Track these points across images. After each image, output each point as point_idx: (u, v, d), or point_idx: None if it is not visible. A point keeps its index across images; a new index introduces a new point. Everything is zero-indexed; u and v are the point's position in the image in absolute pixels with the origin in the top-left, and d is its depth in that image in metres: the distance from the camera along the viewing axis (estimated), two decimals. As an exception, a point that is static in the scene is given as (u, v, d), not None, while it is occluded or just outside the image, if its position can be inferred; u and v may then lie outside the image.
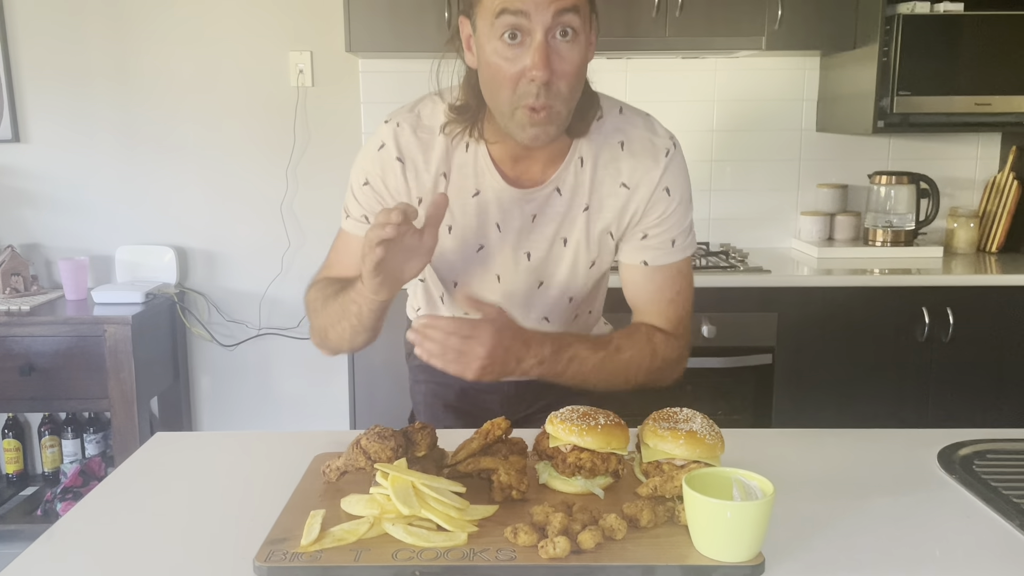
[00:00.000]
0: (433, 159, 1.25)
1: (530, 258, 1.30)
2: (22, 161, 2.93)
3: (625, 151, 1.26)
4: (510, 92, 1.12)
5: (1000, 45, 2.50)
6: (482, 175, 1.25)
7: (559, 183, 1.26)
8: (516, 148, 1.23)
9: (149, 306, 2.73)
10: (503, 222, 1.27)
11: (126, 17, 2.86)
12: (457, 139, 1.25)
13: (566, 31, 1.09)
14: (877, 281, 2.47)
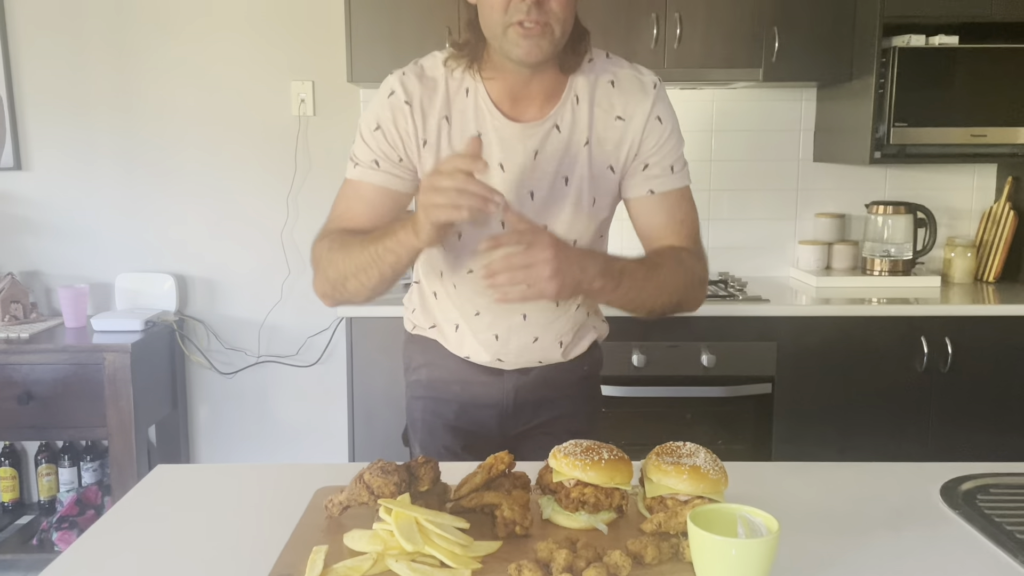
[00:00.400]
0: (436, 103, 1.32)
1: (533, 197, 1.34)
2: (24, 189, 2.94)
3: (616, 88, 1.35)
4: (501, 13, 1.21)
5: (995, 77, 2.53)
6: (482, 116, 1.32)
7: (557, 119, 1.33)
8: (514, 85, 1.31)
9: (148, 334, 2.73)
10: (506, 160, 1.32)
11: (129, 47, 2.88)
12: (456, 85, 1.32)
13: None
14: (875, 311, 2.48)
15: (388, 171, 1.34)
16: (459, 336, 1.46)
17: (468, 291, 1.41)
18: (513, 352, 1.43)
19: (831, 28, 2.60)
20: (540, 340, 1.43)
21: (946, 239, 2.90)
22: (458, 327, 1.45)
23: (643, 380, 2.47)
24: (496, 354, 1.43)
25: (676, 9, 2.58)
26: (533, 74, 1.30)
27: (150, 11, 2.87)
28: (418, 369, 1.54)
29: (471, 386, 1.49)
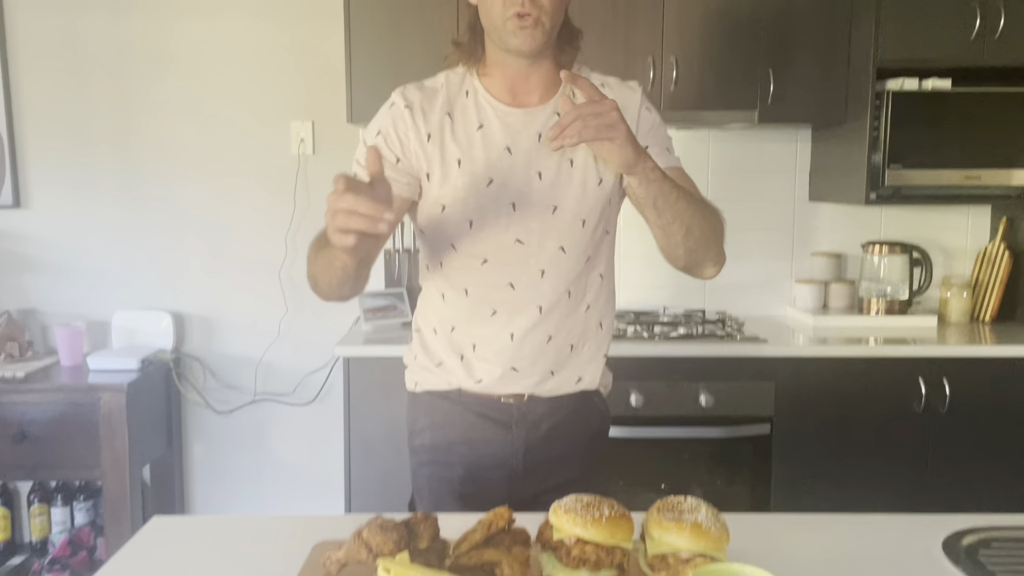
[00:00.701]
0: (437, 104, 1.43)
1: (541, 177, 1.41)
2: (22, 227, 2.95)
3: (606, 88, 1.47)
4: (500, 7, 1.33)
5: (987, 120, 2.55)
6: (483, 109, 1.42)
7: (556, 108, 1.42)
8: (514, 78, 1.42)
9: (144, 372, 2.72)
10: (512, 144, 1.40)
11: (130, 86, 2.91)
12: (456, 88, 1.44)
13: None
14: (873, 352, 2.48)
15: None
16: (467, 363, 1.47)
17: (484, 288, 1.43)
18: (528, 356, 1.44)
19: (825, 71, 2.63)
20: (554, 340, 1.45)
21: (942, 279, 2.91)
22: (464, 357, 1.46)
23: (641, 420, 2.46)
24: (510, 361, 1.44)
25: (672, 52, 2.61)
26: (531, 68, 1.41)
27: (151, 50, 2.89)
28: (422, 432, 1.52)
29: (478, 446, 1.48)
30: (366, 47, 2.61)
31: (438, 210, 1.41)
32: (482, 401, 1.47)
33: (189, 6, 2.88)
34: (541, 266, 1.42)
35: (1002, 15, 2.48)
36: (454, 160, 1.39)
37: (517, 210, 1.40)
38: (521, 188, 1.40)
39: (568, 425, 1.50)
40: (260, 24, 2.89)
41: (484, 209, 1.39)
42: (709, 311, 2.98)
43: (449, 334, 1.47)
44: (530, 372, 1.46)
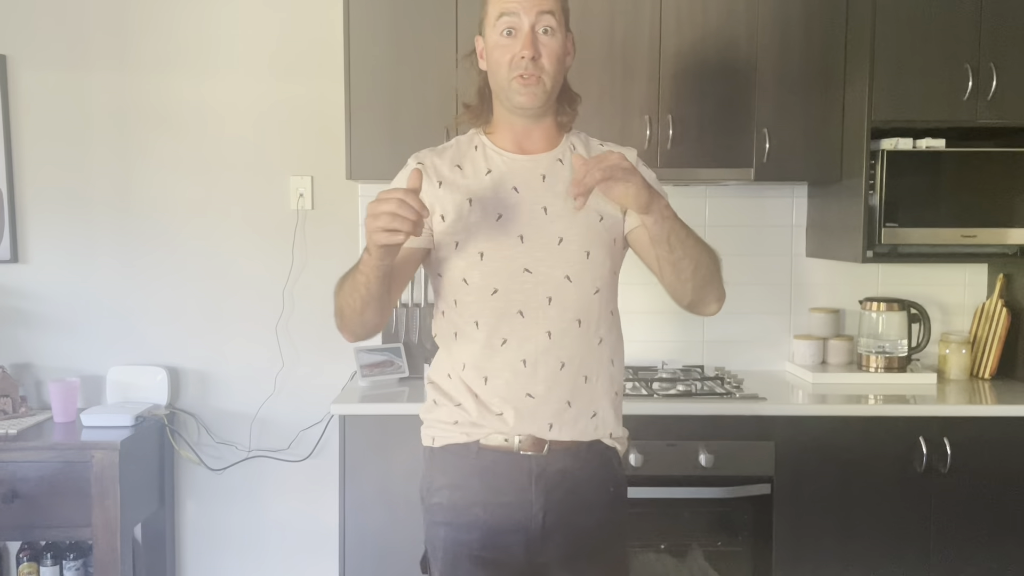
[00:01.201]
0: (447, 158, 1.59)
1: (547, 212, 1.54)
2: (19, 282, 2.94)
3: (604, 147, 1.65)
4: (506, 68, 1.51)
5: (982, 179, 2.58)
6: (491, 158, 1.58)
7: (560, 155, 1.59)
8: (519, 134, 1.58)
9: (138, 429, 2.69)
10: (519, 184, 1.55)
11: (130, 142, 2.93)
12: (466, 145, 1.61)
13: (546, 29, 1.50)
14: (873, 411, 2.46)
15: None
16: (482, 399, 1.52)
17: (494, 318, 1.51)
18: (542, 381, 1.51)
19: (820, 130, 2.66)
20: (567, 368, 1.52)
21: (940, 335, 2.91)
22: (479, 394, 1.52)
23: (641, 480, 2.42)
24: (525, 387, 1.51)
25: (668, 111, 2.64)
26: (534, 124, 1.58)
27: (152, 107, 2.92)
28: (440, 491, 1.56)
29: (496, 508, 1.51)
30: (365, 105, 2.63)
31: (452, 247, 1.53)
32: (500, 457, 1.52)
33: (190, 63, 2.92)
34: (548, 293, 1.52)
35: (994, 76, 2.51)
36: (465, 200, 1.54)
37: (525, 242, 1.52)
38: (528, 221, 1.52)
39: (586, 486, 1.55)
40: (261, 81, 2.93)
41: (494, 241, 1.51)
42: (708, 366, 2.97)
43: (461, 372, 1.55)
44: (546, 400, 1.51)
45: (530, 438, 1.52)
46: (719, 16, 2.63)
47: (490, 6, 1.54)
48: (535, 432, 1.52)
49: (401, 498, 2.46)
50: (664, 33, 2.63)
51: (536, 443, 1.52)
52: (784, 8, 2.63)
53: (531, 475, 1.51)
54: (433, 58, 2.62)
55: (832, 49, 2.65)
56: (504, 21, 1.50)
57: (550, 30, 1.51)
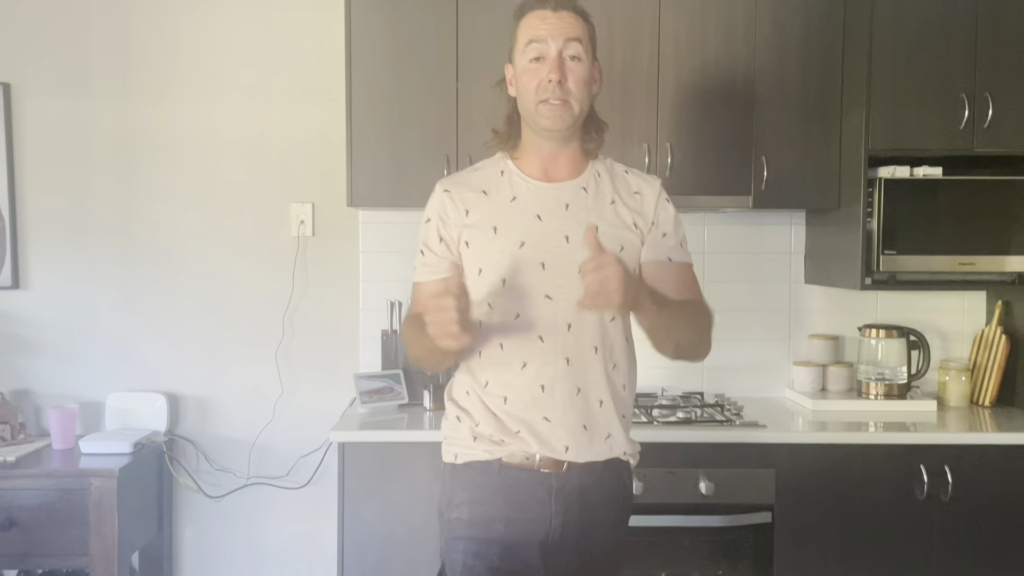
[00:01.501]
0: (474, 184, 1.66)
1: (568, 241, 1.58)
2: (20, 308, 2.95)
3: (629, 175, 1.71)
4: (534, 92, 1.57)
5: (979, 207, 2.59)
6: (516, 184, 1.64)
7: (584, 184, 1.64)
8: (545, 159, 1.63)
9: (137, 456, 2.68)
10: (542, 212, 1.60)
11: (131, 168, 2.95)
12: (492, 170, 1.66)
13: (573, 56, 1.57)
14: (874, 438, 2.46)
15: (431, 263, 1.65)
16: (502, 419, 1.58)
17: (516, 342, 1.58)
18: (559, 406, 1.57)
19: (818, 158, 2.68)
20: (583, 393, 1.58)
21: (940, 362, 2.91)
22: (498, 413, 1.58)
23: (641, 508, 2.37)
24: (542, 411, 1.57)
25: (667, 139, 2.66)
26: (560, 149, 1.63)
27: (153, 133, 2.94)
28: (460, 506, 1.60)
29: (518, 524, 1.57)
30: (366, 132, 2.65)
31: (476, 272, 1.60)
32: (522, 474, 1.58)
33: (192, 90, 2.94)
34: (568, 320, 1.57)
35: (990, 105, 2.54)
36: (490, 227, 1.60)
37: (546, 269, 1.57)
38: (550, 249, 1.58)
39: (600, 504, 1.62)
40: (262, 107, 2.95)
41: (516, 268, 1.57)
42: (707, 393, 2.97)
43: (482, 390, 1.61)
44: (562, 423, 1.57)
45: (548, 458, 1.58)
46: (717, 45, 2.66)
47: (519, 33, 1.61)
48: (552, 454, 1.58)
49: (400, 526, 2.45)
50: (662, 62, 2.66)
51: (555, 463, 1.59)
52: (781, 38, 2.66)
53: (551, 491, 1.58)
54: (434, 86, 2.65)
55: (829, 78, 2.67)
56: (533, 48, 1.57)
57: (577, 57, 1.57)
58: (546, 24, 1.57)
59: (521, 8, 1.63)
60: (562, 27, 1.56)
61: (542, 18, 1.58)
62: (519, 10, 1.64)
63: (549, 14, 1.58)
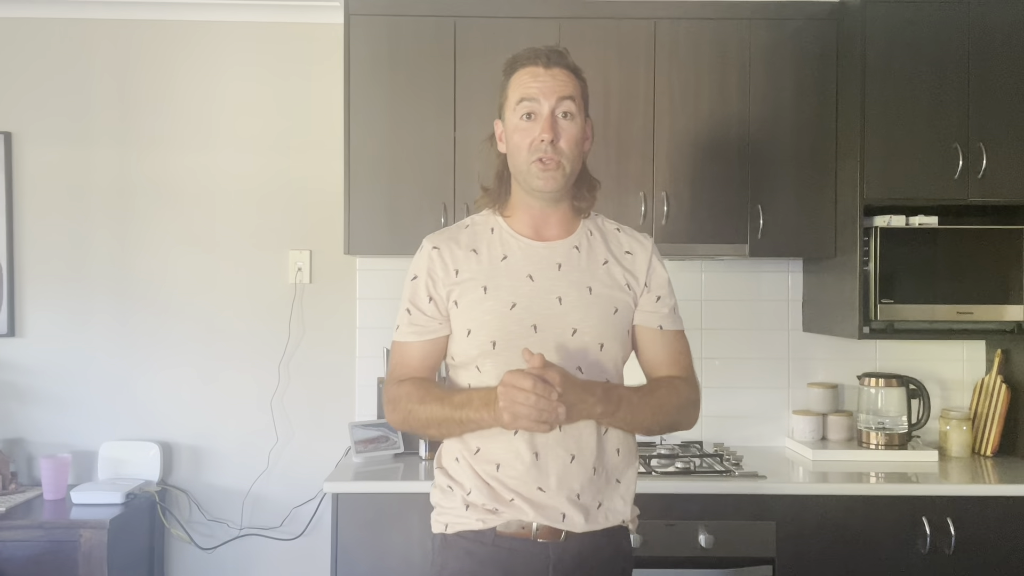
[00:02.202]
0: (462, 242, 1.60)
1: (561, 302, 1.54)
2: (15, 356, 2.94)
3: (621, 233, 1.68)
4: (526, 152, 1.53)
5: (976, 256, 2.59)
6: (507, 243, 1.59)
7: (576, 243, 1.61)
8: (536, 218, 1.59)
9: (129, 507, 2.65)
10: (535, 272, 1.56)
11: (129, 217, 2.96)
12: (482, 227, 1.61)
13: (565, 113, 1.54)
14: (875, 490, 2.42)
15: (419, 323, 1.58)
16: (493, 487, 1.51)
17: None
18: (553, 475, 1.50)
19: (813, 207, 2.69)
20: (576, 460, 1.51)
21: (940, 411, 2.89)
22: (489, 481, 1.51)
23: (640, 562, 2.32)
24: (536, 481, 1.50)
25: (663, 188, 2.68)
26: (551, 209, 1.59)
27: (152, 182, 2.96)
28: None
29: None
30: (364, 180, 2.67)
31: (465, 334, 1.54)
32: (518, 545, 1.51)
33: (190, 139, 2.97)
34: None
35: (984, 155, 2.55)
36: (480, 287, 1.55)
37: (538, 331, 1.52)
38: (541, 311, 1.53)
39: (600, 566, 1.56)
40: (260, 156, 2.97)
41: (507, 330, 1.51)
42: (706, 442, 2.94)
43: (472, 457, 1.54)
44: (557, 493, 1.51)
45: (546, 527, 1.52)
46: (711, 97, 2.69)
47: (510, 90, 1.57)
48: (549, 522, 1.51)
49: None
50: (658, 113, 2.69)
51: (553, 532, 1.52)
52: (775, 90, 2.69)
53: (548, 562, 1.52)
54: (431, 135, 2.67)
55: (823, 129, 2.70)
56: (524, 106, 1.53)
57: (569, 115, 1.54)
58: (538, 82, 1.53)
59: (512, 64, 1.59)
60: (555, 85, 1.53)
61: (534, 75, 1.54)
62: (509, 65, 1.60)
63: (541, 71, 1.54)
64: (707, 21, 2.69)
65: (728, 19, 2.69)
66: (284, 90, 2.98)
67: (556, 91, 1.53)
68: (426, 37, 2.68)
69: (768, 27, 2.69)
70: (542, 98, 1.52)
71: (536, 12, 2.66)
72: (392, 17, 2.67)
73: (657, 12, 2.68)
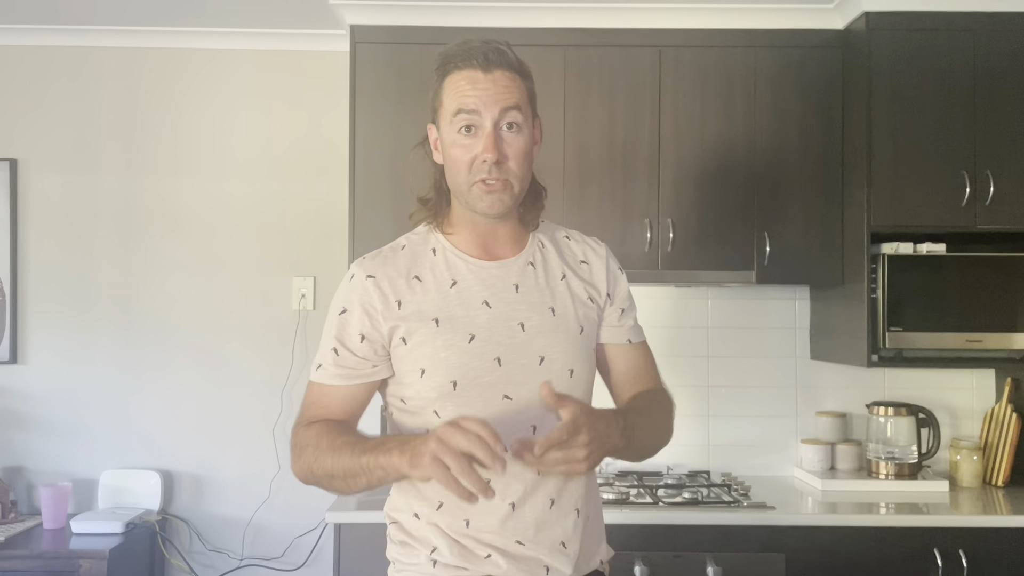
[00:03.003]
0: (401, 267, 1.39)
1: (524, 328, 1.37)
2: (17, 383, 2.92)
3: (571, 240, 1.50)
4: (466, 172, 1.33)
5: (985, 284, 2.57)
6: (454, 265, 1.39)
7: (530, 258, 1.43)
8: (483, 234, 1.41)
9: (129, 536, 2.62)
10: (490, 297, 1.37)
11: (133, 244, 2.96)
12: (421, 248, 1.41)
13: (511, 125, 1.33)
14: (887, 521, 2.39)
15: (348, 364, 1.36)
16: (463, 546, 1.33)
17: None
18: (532, 525, 1.32)
19: (820, 234, 2.68)
20: (557, 505, 1.35)
21: (950, 440, 2.85)
22: (459, 539, 1.33)
23: None
24: (513, 535, 1.32)
25: (668, 215, 2.67)
26: (499, 225, 1.41)
27: (156, 209, 2.96)
28: None
29: None
30: (369, 207, 2.66)
31: (418, 375, 1.33)
32: None
33: (194, 166, 2.97)
34: (532, 421, 1.33)
35: (991, 182, 2.54)
36: (431, 320, 1.34)
37: (503, 365, 1.33)
38: (504, 342, 1.34)
39: None
40: (263, 183, 2.97)
41: (468, 367, 1.32)
42: (714, 471, 2.90)
43: (435, 513, 1.34)
44: (537, 544, 1.33)
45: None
46: (717, 123, 2.69)
47: (445, 97, 1.35)
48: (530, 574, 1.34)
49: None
50: (663, 139, 2.68)
51: None
52: (781, 117, 2.69)
53: None
54: (436, 163, 2.66)
55: (829, 155, 2.69)
56: (462, 118, 1.32)
57: (515, 126, 1.33)
58: (477, 90, 1.31)
59: (444, 63, 1.36)
60: (497, 94, 1.31)
61: (472, 81, 1.32)
62: (442, 65, 1.37)
63: (480, 76, 1.32)
64: (712, 49, 2.69)
65: (733, 47, 2.69)
66: (288, 117, 2.98)
67: (499, 101, 1.31)
68: (431, 65, 2.67)
69: (773, 55, 2.69)
70: (483, 111, 1.31)
71: (541, 40, 2.66)
72: (398, 45, 2.68)
73: (662, 40, 2.69)
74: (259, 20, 2.85)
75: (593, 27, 2.68)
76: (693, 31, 2.69)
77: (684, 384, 2.95)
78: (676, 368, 2.94)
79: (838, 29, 2.70)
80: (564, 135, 2.67)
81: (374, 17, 2.67)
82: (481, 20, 2.65)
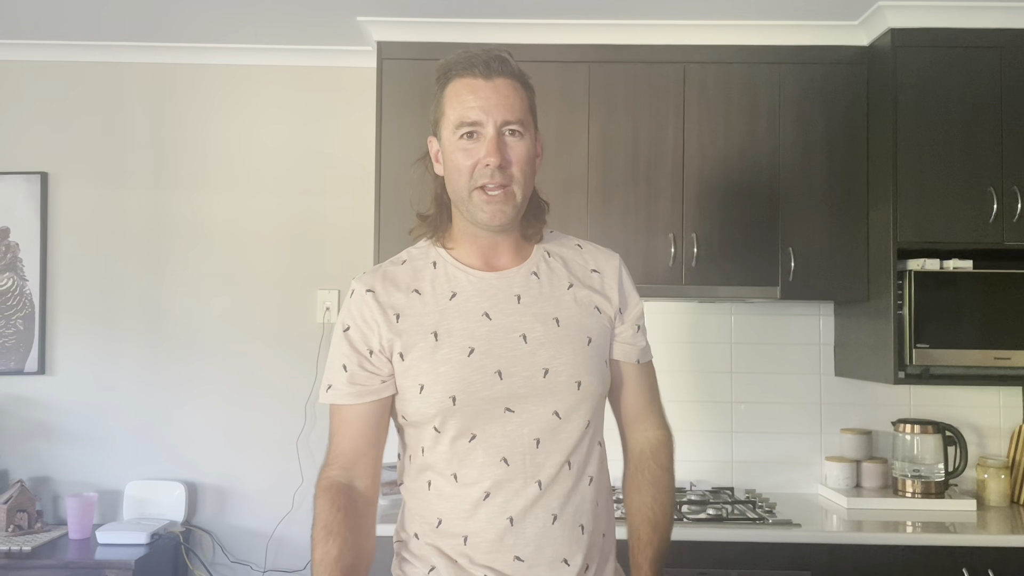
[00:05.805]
0: (402, 281, 1.37)
1: (527, 340, 1.33)
2: (45, 394, 2.95)
3: (583, 249, 1.47)
4: (467, 178, 1.30)
5: (1013, 300, 2.54)
6: (454, 277, 1.37)
7: (533, 268, 1.40)
8: (483, 247, 1.38)
9: (153, 547, 2.63)
10: (491, 309, 1.34)
11: (160, 257, 2.99)
12: (422, 262, 1.39)
13: (513, 131, 1.32)
14: (914, 540, 2.36)
15: (359, 381, 1.34)
16: (462, 563, 1.30)
17: (475, 469, 1.30)
18: (532, 541, 1.29)
19: (845, 250, 2.67)
20: (560, 520, 1.31)
21: (977, 459, 2.82)
22: (457, 557, 1.30)
23: None
24: (512, 550, 1.29)
25: (692, 230, 2.67)
26: (500, 237, 1.38)
27: (184, 223, 3.00)
28: None
29: None
30: (395, 220, 2.66)
31: (417, 390, 1.31)
32: None
33: (221, 180, 3.01)
34: (535, 435, 1.30)
35: (1019, 199, 2.52)
36: (429, 334, 1.32)
37: (504, 378, 1.30)
38: (505, 354, 1.31)
39: None
40: (289, 196, 3.00)
41: (467, 381, 1.29)
42: (738, 488, 2.88)
43: (435, 530, 1.33)
44: (537, 561, 1.29)
45: None
46: (740, 139, 2.69)
47: (447, 107, 1.34)
48: None
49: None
50: (687, 155, 2.69)
51: None
52: (805, 132, 2.69)
53: None
54: (461, 178, 2.68)
55: (854, 171, 2.69)
56: (464, 129, 1.32)
57: (518, 132, 1.32)
58: (479, 98, 1.30)
59: (445, 72, 1.35)
60: (499, 102, 1.30)
61: (473, 89, 1.31)
62: (443, 74, 1.36)
63: (482, 84, 1.31)
64: (736, 65, 2.70)
65: (757, 63, 2.70)
66: (314, 131, 3.01)
67: (501, 110, 1.30)
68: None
69: (797, 71, 2.70)
70: (485, 118, 1.30)
71: (565, 56, 2.68)
72: (424, 61, 2.69)
73: (687, 56, 2.70)
74: (287, 37, 2.89)
75: (618, 43, 2.69)
76: (717, 47, 2.70)
77: (707, 400, 2.94)
78: (699, 384, 2.93)
79: (863, 46, 2.71)
80: (588, 150, 2.68)
81: (401, 34, 2.70)
82: (506, 37, 2.68)
